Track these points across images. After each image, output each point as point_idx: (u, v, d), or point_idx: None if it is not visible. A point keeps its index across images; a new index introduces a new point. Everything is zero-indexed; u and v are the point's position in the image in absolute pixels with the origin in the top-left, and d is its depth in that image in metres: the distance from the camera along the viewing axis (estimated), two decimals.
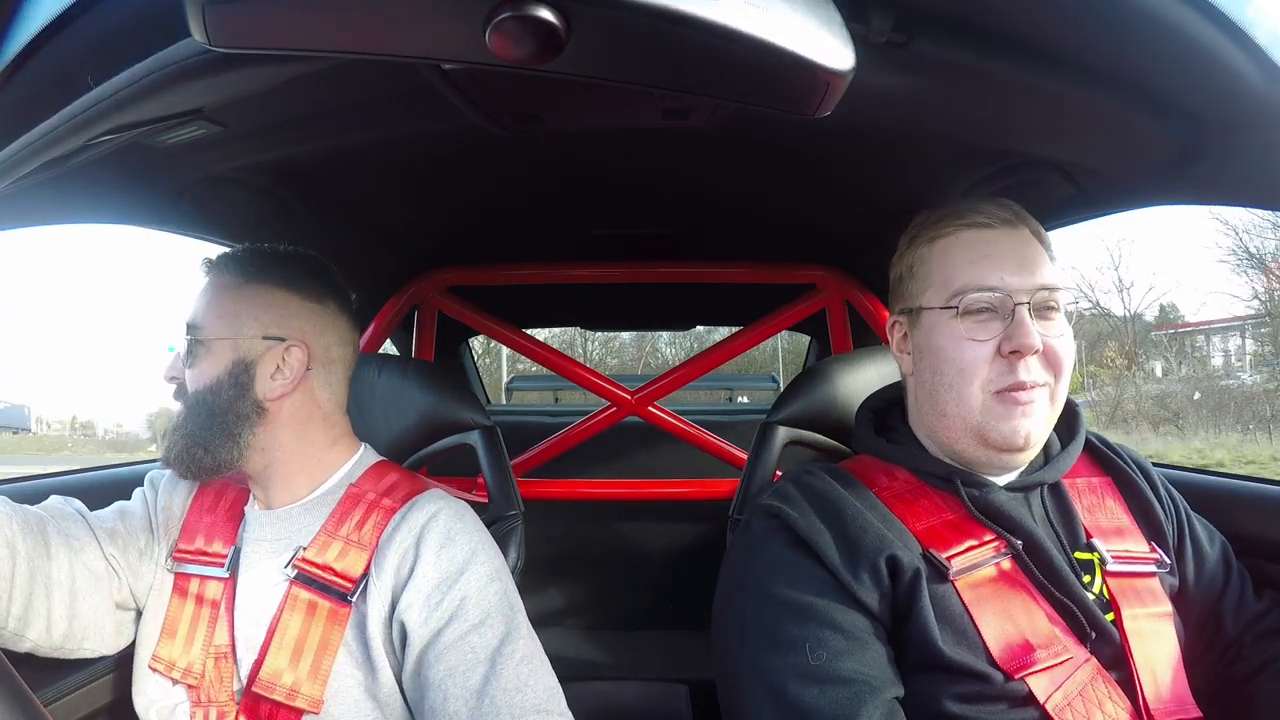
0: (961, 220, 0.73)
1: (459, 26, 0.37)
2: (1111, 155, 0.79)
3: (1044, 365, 0.70)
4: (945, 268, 0.73)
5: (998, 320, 0.70)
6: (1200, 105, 0.62)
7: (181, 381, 0.78)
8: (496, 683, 0.67)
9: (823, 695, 0.61)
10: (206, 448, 0.75)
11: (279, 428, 0.78)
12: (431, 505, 0.77)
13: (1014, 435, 0.69)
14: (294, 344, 0.79)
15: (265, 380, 0.77)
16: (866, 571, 0.66)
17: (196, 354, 0.77)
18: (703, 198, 1.18)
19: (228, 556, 0.78)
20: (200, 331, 0.77)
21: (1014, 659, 0.63)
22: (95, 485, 1.09)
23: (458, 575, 0.72)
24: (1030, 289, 0.69)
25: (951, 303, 0.71)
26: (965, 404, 0.70)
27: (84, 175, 0.80)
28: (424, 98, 0.75)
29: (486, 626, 0.70)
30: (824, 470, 0.77)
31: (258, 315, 0.78)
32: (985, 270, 0.70)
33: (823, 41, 0.39)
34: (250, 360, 0.77)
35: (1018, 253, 0.71)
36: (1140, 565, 0.72)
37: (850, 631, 0.64)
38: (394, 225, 1.28)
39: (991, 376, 0.69)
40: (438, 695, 0.67)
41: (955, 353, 0.71)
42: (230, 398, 0.76)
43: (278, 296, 0.80)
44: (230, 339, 0.77)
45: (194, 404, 0.76)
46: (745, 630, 0.68)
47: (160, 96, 0.54)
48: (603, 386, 1.55)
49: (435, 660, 0.69)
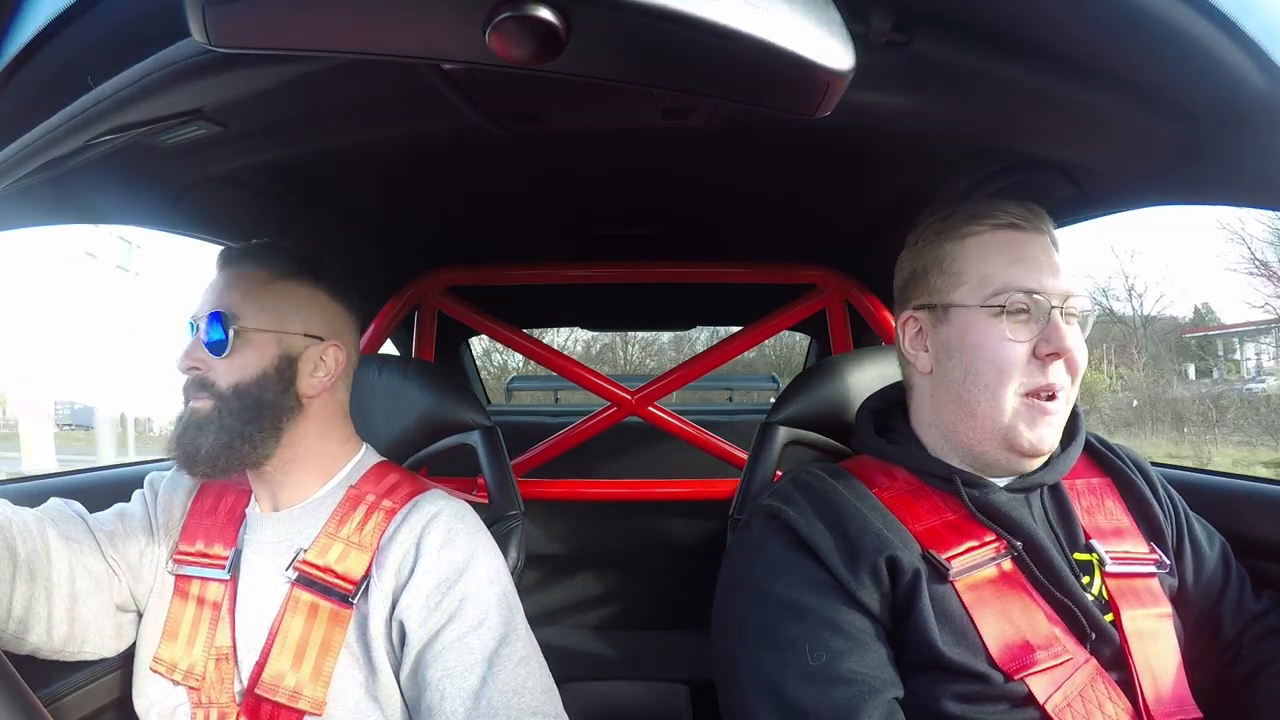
0: (995, 220, 0.73)
1: (459, 26, 0.37)
2: (1111, 155, 0.79)
3: (1065, 370, 0.71)
4: (982, 265, 0.72)
5: (1033, 323, 0.70)
6: (1200, 105, 0.62)
7: (203, 373, 0.76)
8: (494, 684, 0.67)
9: (822, 695, 0.61)
10: (251, 442, 0.75)
11: (308, 424, 0.79)
12: (432, 506, 0.77)
13: (1040, 442, 0.70)
14: (332, 344, 0.80)
15: (306, 376, 0.78)
16: (866, 572, 0.66)
17: (235, 345, 0.75)
18: (703, 198, 1.18)
19: (229, 559, 0.78)
20: (240, 321, 0.76)
21: (1014, 659, 0.63)
22: (95, 486, 1.09)
23: (457, 576, 0.72)
24: (1062, 294, 0.71)
25: (991, 301, 0.71)
26: (998, 405, 0.70)
27: (84, 175, 0.80)
28: (424, 98, 0.75)
29: (485, 628, 0.70)
30: (824, 470, 0.77)
31: (300, 312, 0.79)
32: (1025, 272, 0.71)
33: (823, 41, 0.39)
34: (294, 355, 0.78)
35: (1050, 257, 0.72)
36: (1139, 566, 0.72)
37: (850, 632, 0.64)
38: (394, 225, 1.28)
39: (1023, 378, 0.70)
40: (435, 695, 0.68)
41: (995, 351, 0.70)
42: (277, 391, 0.76)
43: (317, 296, 0.81)
44: (274, 332, 0.77)
45: (236, 396, 0.75)
46: (745, 630, 0.68)
47: (160, 96, 0.54)
48: (603, 386, 1.55)
49: (433, 660, 0.69)
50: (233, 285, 0.78)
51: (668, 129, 0.85)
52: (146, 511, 0.84)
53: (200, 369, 0.76)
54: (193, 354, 0.76)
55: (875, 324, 1.46)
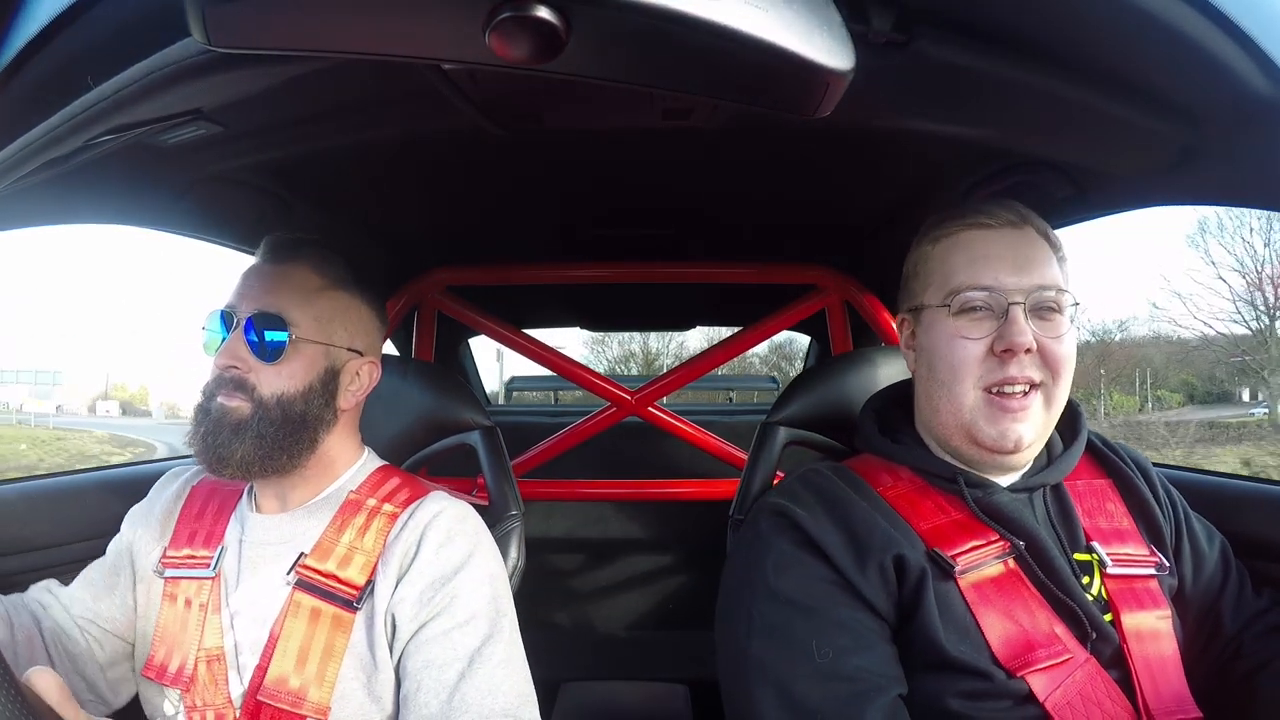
0: (964, 221, 0.74)
1: (459, 26, 0.38)
2: (1111, 155, 0.79)
3: (1040, 365, 0.70)
4: (945, 267, 0.74)
5: (992, 319, 0.70)
6: (1200, 105, 0.62)
7: (242, 373, 0.72)
8: (470, 681, 0.67)
9: (828, 693, 0.61)
10: (290, 453, 0.73)
11: (336, 434, 0.79)
12: (435, 505, 0.77)
13: (1002, 438, 0.70)
14: (370, 360, 0.80)
15: (345, 390, 0.78)
16: (874, 571, 0.66)
17: (286, 352, 0.72)
18: (703, 198, 1.18)
19: (213, 557, 0.77)
20: (296, 329, 0.73)
21: (1015, 657, 0.64)
22: (115, 483, 1.10)
23: (453, 574, 0.72)
24: (1027, 289, 0.70)
25: (947, 300, 0.72)
26: (956, 401, 0.72)
27: (85, 175, 0.80)
28: (424, 97, 0.75)
29: (471, 626, 0.70)
30: (829, 470, 0.77)
31: (347, 326, 0.78)
32: (981, 269, 0.71)
33: (822, 42, 0.39)
34: (338, 369, 0.77)
35: (1017, 252, 0.72)
36: (1139, 569, 0.72)
37: (856, 630, 0.65)
38: (393, 225, 1.28)
39: (981, 374, 0.70)
40: (412, 684, 0.68)
41: (947, 349, 0.72)
42: (320, 405, 0.75)
43: (364, 311, 0.80)
44: (324, 345, 0.75)
45: (279, 407, 0.72)
46: (751, 627, 0.68)
47: (160, 96, 0.54)
48: (603, 386, 1.55)
49: (415, 651, 0.69)
50: (284, 285, 0.75)
51: (668, 129, 0.85)
52: (121, 550, 0.82)
53: (240, 369, 0.72)
54: (235, 352, 0.71)
55: (875, 324, 1.46)
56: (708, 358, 1.59)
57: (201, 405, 0.74)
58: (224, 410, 0.72)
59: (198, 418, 0.74)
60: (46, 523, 1.02)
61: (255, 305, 0.73)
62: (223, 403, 0.72)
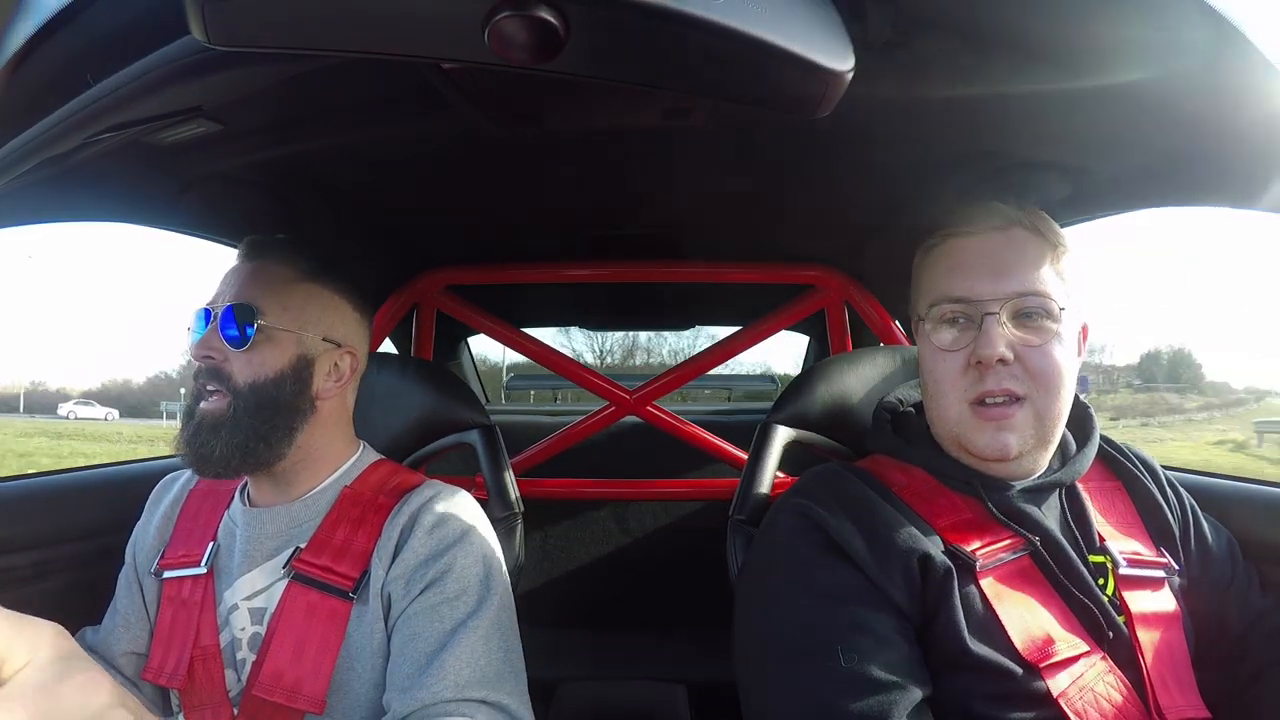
0: (948, 230, 0.74)
1: (459, 26, 0.38)
2: (1109, 157, 0.79)
3: (1022, 375, 0.68)
4: (928, 278, 0.74)
5: (972, 330, 0.69)
6: (1196, 108, 0.62)
7: (218, 363, 0.75)
8: (451, 650, 0.67)
9: (855, 696, 0.60)
10: (267, 441, 0.74)
11: (319, 426, 0.79)
12: (429, 491, 0.78)
13: (990, 448, 0.69)
14: (348, 351, 0.81)
15: (321, 379, 0.79)
16: (899, 572, 0.66)
17: (256, 340, 0.75)
18: (702, 197, 1.18)
19: (204, 554, 0.78)
20: (264, 317, 0.75)
21: (1035, 651, 0.64)
22: (116, 481, 1.10)
23: (444, 551, 0.73)
24: (1003, 296, 0.68)
25: (928, 314, 0.73)
26: (944, 413, 0.72)
27: (85, 173, 0.80)
28: (424, 97, 0.75)
29: (460, 601, 0.70)
30: (845, 469, 0.77)
31: (321, 316, 0.79)
32: (956, 280, 0.70)
33: (822, 42, 0.39)
34: (312, 358, 0.78)
35: (997, 259, 0.70)
36: (1150, 570, 0.72)
37: (881, 633, 0.64)
38: (393, 224, 1.28)
39: (965, 386, 0.70)
40: (397, 659, 0.68)
41: (932, 363, 0.72)
42: (293, 392, 0.76)
43: (338, 302, 0.81)
44: (295, 333, 0.77)
45: (253, 393, 0.74)
46: (775, 631, 0.68)
47: (160, 94, 0.54)
48: (602, 386, 1.55)
49: (403, 624, 0.69)
50: (257, 278, 0.77)
51: (667, 129, 0.85)
52: (128, 579, 0.83)
53: (216, 359, 0.75)
54: (210, 343, 0.75)
55: (874, 324, 1.46)
56: (707, 357, 1.59)
57: (188, 408, 0.77)
58: (204, 413, 0.75)
59: (184, 421, 0.77)
60: (47, 521, 1.02)
61: (227, 299, 0.76)
62: (204, 408, 0.75)
